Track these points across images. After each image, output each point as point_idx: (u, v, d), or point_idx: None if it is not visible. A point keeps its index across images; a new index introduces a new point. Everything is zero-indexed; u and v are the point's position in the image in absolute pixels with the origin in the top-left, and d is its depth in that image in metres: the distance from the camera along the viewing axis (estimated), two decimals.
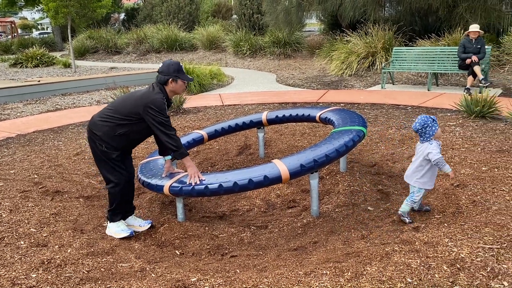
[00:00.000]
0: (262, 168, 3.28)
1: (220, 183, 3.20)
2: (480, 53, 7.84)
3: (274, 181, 3.21)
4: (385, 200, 3.80)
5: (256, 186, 3.21)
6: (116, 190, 3.34)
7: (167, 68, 3.29)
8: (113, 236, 3.41)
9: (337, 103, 7.70)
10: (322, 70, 12.02)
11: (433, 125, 3.15)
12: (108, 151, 3.26)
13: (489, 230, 2.79)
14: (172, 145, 3.23)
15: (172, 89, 3.33)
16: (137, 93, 3.32)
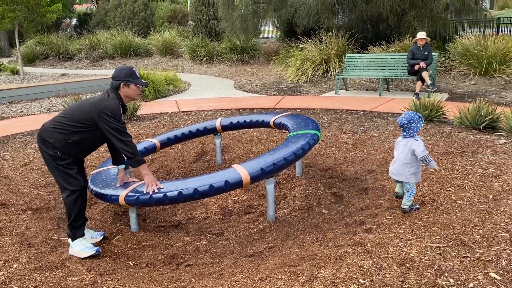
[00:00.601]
0: (223, 173, 3.26)
1: (180, 190, 3.15)
2: (428, 60, 8.20)
3: (235, 185, 3.21)
4: (339, 203, 3.87)
5: (217, 191, 3.18)
6: (73, 199, 3.19)
7: (118, 73, 3.24)
8: (78, 256, 3.21)
9: (294, 109, 7.80)
10: (279, 76, 12.16)
11: (418, 122, 3.26)
12: (61, 156, 3.14)
13: (436, 229, 2.90)
14: (128, 152, 3.15)
15: (125, 94, 3.26)
16: (91, 100, 3.22)
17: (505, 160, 4.25)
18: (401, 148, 3.32)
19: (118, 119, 3.12)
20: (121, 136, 3.12)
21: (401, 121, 3.29)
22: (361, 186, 4.21)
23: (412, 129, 3.26)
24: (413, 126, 3.26)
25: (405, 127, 3.28)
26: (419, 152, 3.19)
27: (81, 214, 3.25)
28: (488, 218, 3.01)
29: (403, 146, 3.29)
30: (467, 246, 2.64)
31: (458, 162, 4.29)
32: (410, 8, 10.13)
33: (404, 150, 3.28)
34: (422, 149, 3.19)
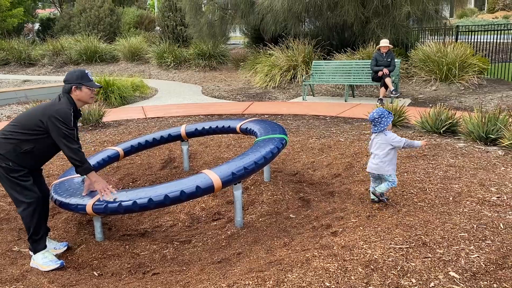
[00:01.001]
0: (193, 178, 3.24)
1: (150, 197, 3.10)
2: (391, 66, 8.44)
3: (206, 191, 3.19)
4: (306, 207, 3.92)
5: (188, 197, 3.16)
6: (30, 212, 3.07)
7: (70, 76, 3.15)
8: (40, 269, 3.09)
9: (262, 115, 7.85)
10: (247, 82, 12.20)
11: (388, 117, 3.42)
12: (15, 167, 3.02)
13: (399, 231, 2.98)
14: (74, 160, 3.06)
15: (78, 98, 3.16)
16: (42, 105, 3.13)
17: (464, 163, 4.42)
18: (377, 144, 3.45)
19: (67, 124, 3.02)
20: (68, 143, 3.03)
21: (372, 115, 3.45)
22: (327, 190, 4.27)
23: (382, 123, 3.41)
24: (383, 120, 3.41)
25: (376, 122, 3.44)
26: (397, 142, 3.37)
27: (40, 226, 3.14)
28: (448, 219, 3.12)
29: (379, 143, 3.44)
30: (429, 246, 2.73)
31: (420, 165, 4.42)
32: (374, 16, 10.40)
33: (381, 146, 3.42)
34: (399, 139, 3.38)
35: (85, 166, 3.11)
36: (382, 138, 3.43)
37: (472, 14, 31.95)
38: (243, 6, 12.78)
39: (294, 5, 10.29)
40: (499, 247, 2.67)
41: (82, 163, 3.09)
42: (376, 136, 3.48)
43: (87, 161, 3.15)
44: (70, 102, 3.12)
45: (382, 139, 3.43)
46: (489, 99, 8.08)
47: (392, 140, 3.39)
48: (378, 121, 3.43)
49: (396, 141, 3.38)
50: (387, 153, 3.42)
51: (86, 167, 3.12)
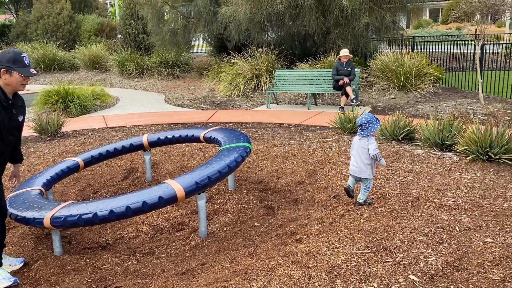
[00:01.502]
0: (156, 189, 3.19)
1: (111, 208, 3.03)
2: (351, 75, 8.66)
3: (170, 201, 3.15)
4: (271, 215, 3.93)
5: (151, 208, 3.11)
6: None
7: (1, 56, 2.85)
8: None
9: (226, 123, 7.84)
10: (211, 90, 12.18)
11: (376, 123, 3.54)
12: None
13: (361, 236, 3.04)
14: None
15: (6, 82, 2.86)
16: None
17: (421, 168, 4.57)
18: (359, 148, 3.57)
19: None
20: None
21: (361, 120, 3.56)
22: (291, 198, 4.31)
23: (369, 129, 3.53)
24: (371, 126, 3.53)
25: (363, 127, 3.54)
26: (372, 150, 3.50)
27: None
28: (407, 223, 3.22)
29: (361, 147, 3.56)
30: (389, 251, 2.80)
31: (380, 171, 4.54)
32: (334, 27, 10.65)
33: (364, 150, 3.55)
34: (374, 148, 3.50)
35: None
36: (365, 143, 3.55)
37: (428, 25, 33.33)
38: (206, 15, 12.78)
39: (257, 15, 10.39)
40: (455, 249, 2.77)
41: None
42: (360, 140, 3.59)
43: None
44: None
45: (364, 144, 3.55)
46: (444, 107, 8.42)
47: (369, 146, 3.51)
48: (366, 126, 3.53)
49: (371, 149, 3.50)
50: (367, 157, 3.55)
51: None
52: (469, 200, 3.62)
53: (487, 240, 2.87)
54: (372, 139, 3.56)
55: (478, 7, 8.27)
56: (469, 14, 8.74)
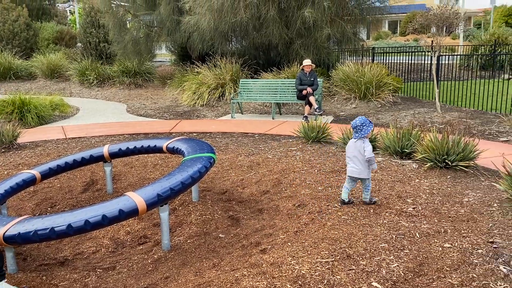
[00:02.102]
0: (116, 202, 3.10)
1: (69, 223, 2.90)
2: (314, 85, 8.80)
3: (130, 214, 3.06)
4: (236, 226, 3.90)
5: (110, 222, 3.00)
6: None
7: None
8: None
9: (190, 133, 7.76)
10: (175, 100, 12.05)
11: (369, 126, 3.69)
12: None
13: (325, 245, 3.06)
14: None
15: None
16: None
17: (382, 176, 4.68)
18: (355, 150, 3.71)
19: None
20: None
21: (355, 123, 3.71)
22: (256, 207, 4.29)
23: (363, 131, 3.68)
24: (365, 128, 3.68)
25: (357, 129, 3.70)
26: (367, 153, 3.64)
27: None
28: (370, 231, 3.27)
29: (357, 150, 3.70)
30: (352, 258, 2.83)
31: (343, 179, 4.61)
32: (297, 38, 10.82)
33: (359, 152, 3.69)
34: (370, 151, 3.65)
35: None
36: (361, 145, 3.69)
37: (387, 37, 34.46)
38: (169, 24, 12.69)
39: (221, 25, 10.41)
40: (416, 255, 2.83)
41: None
42: (355, 142, 3.73)
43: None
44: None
45: (360, 146, 3.69)
46: (403, 116, 8.68)
47: (364, 148, 3.66)
48: (360, 128, 3.68)
49: (367, 151, 3.65)
50: (364, 158, 3.69)
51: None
52: (428, 207, 3.72)
53: (446, 246, 2.95)
54: (367, 141, 3.70)
55: (433, 20, 8.61)
56: (425, 26, 9.08)
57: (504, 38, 17.16)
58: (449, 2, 10.45)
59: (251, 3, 9.90)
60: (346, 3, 10.69)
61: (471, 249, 2.88)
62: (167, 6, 12.39)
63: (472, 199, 3.88)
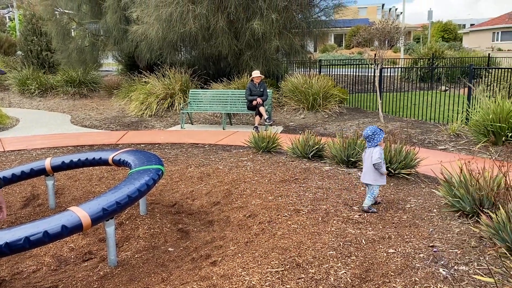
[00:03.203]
0: (59, 217, 2.95)
1: (6, 241, 2.72)
2: (264, 96, 8.91)
3: (74, 229, 2.92)
4: (185, 239, 3.84)
5: (53, 238, 2.85)
6: None
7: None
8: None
9: (138, 144, 7.58)
10: (122, 110, 11.75)
11: (380, 133, 3.89)
12: None
13: (275, 254, 3.08)
14: None
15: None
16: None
17: (330, 184, 4.79)
18: (368, 157, 3.91)
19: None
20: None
21: (366, 133, 3.92)
22: (207, 219, 4.25)
23: (375, 139, 3.88)
24: (376, 136, 3.88)
25: (369, 138, 3.90)
26: (374, 159, 3.82)
27: None
28: (318, 239, 3.33)
29: (367, 156, 3.92)
30: (302, 267, 2.87)
31: (293, 188, 4.68)
32: (247, 49, 10.93)
33: (368, 159, 3.89)
34: (378, 157, 3.82)
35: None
36: (371, 151, 3.88)
37: (333, 50, 35.63)
38: (116, 33, 12.41)
39: (169, 34, 10.31)
40: (362, 261, 2.92)
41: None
42: (368, 150, 3.94)
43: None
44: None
45: (370, 152, 3.89)
46: (348, 126, 8.98)
47: (373, 154, 3.84)
48: (372, 138, 3.89)
49: (374, 158, 3.82)
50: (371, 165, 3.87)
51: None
52: (374, 214, 3.85)
53: (390, 251, 3.06)
54: (378, 148, 3.88)
55: (375, 34, 9.02)
56: (368, 40, 9.48)
57: (440, 52, 18.28)
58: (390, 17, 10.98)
59: (200, 13, 9.90)
60: (294, 16, 10.95)
61: (414, 254, 3.01)
62: (113, 15, 12.12)
63: (414, 205, 4.06)
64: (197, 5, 9.98)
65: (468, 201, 3.62)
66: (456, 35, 45.32)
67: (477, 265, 2.80)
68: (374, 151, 3.88)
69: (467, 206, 3.63)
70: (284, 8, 10.43)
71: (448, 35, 44.41)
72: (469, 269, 2.77)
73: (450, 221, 3.62)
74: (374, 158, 3.83)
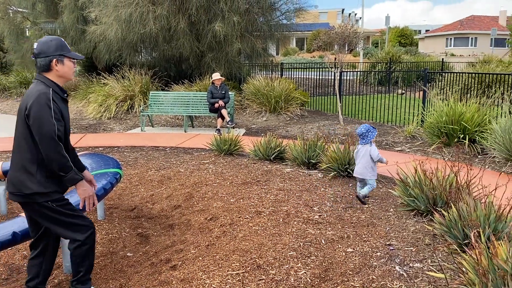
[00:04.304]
0: (10, 223, 2.82)
1: None
2: (225, 98, 8.90)
3: (27, 236, 2.79)
4: (145, 243, 3.77)
5: (4, 246, 2.72)
6: (91, 244, 2.60)
7: (46, 46, 2.44)
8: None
9: (96, 147, 7.38)
10: (79, 113, 11.40)
11: (373, 131, 4.18)
12: (55, 197, 2.45)
13: (236, 256, 3.07)
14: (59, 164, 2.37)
15: (60, 74, 2.48)
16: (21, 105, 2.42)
17: (291, 186, 4.84)
18: (361, 154, 4.19)
19: (44, 115, 2.32)
20: (51, 142, 2.33)
21: (360, 131, 4.17)
22: (167, 223, 4.19)
23: (368, 136, 4.16)
24: (370, 134, 4.15)
25: (363, 136, 4.16)
26: (374, 156, 4.12)
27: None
28: (279, 240, 3.35)
29: (363, 153, 4.17)
30: (263, 268, 2.88)
31: (254, 191, 4.69)
32: (208, 51, 10.89)
33: (365, 156, 4.15)
34: (377, 153, 4.14)
35: (71, 175, 2.43)
36: (367, 149, 4.15)
37: (294, 53, 36.09)
38: (73, 33, 12.05)
39: (129, 35, 10.12)
40: (321, 261, 2.96)
41: (67, 171, 2.41)
42: (362, 147, 4.20)
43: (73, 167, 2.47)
44: (47, 83, 2.43)
45: (366, 150, 4.16)
46: (309, 128, 9.11)
47: (371, 153, 4.13)
48: (366, 135, 4.16)
49: (374, 155, 4.12)
50: (369, 161, 4.14)
51: (72, 177, 2.44)
52: (333, 214, 3.93)
53: (349, 250, 3.12)
54: (374, 145, 4.19)
55: (335, 38, 9.21)
56: (328, 44, 9.67)
57: (397, 56, 18.91)
58: (350, 22, 11.27)
59: (161, 14, 9.78)
60: (256, 19, 11.02)
61: (371, 253, 3.08)
62: (70, 15, 11.77)
63: (371, 205, 4.17)
64: (158, 6, 9.85)
65: (422, 200, 3.75)
66: (412, 40, 47.05)
67: (430, 262, 2.91)
68: (371, 150, 4.15)
69: (421, 205, 3.76)
70: (245, 11, 10.47)
71: (404, 40, 46.03)
72: (423, 266, 2.86)
73: (406, 220, 3.74)
74: (375, 155, 4.13)
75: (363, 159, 4.20)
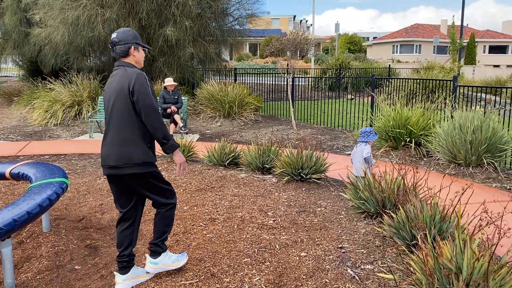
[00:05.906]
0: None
1: None
2: (178, 103, 8.77)
3: None
4: (94, 255, 3.61)
5: None
6: (174, 210, 2.93)
7: (125, 35, 2.76)
8: (170, 268, 2.89)
9: (41, 156, 7.03)
10: (23, 119, 10.84)
11: (374, 135, 4.62)
12: (154, 171, 2.75)
13: (190, 266, 3.01)
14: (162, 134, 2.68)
15: (136, 60, 2.80)
16: (117, 86, 2.67)
17: (246, 191, 4.83)
18: (357, 153, 4.63)
19: (146, 90, 2.63)
20: (156, 114, 2.65)
21: (364, 129, 4.63)
22: None
23: (369, 137, 4.59)
24: (371, 135, 4.59)
25: (365, 134, 4.60)
26: (364, 154, 4.53)
27: None
28: (233, 247, 3.33)
29: (358, 152, 4.60)
30: (217, 277, 2.84)
31: (209, 197, 4.64)
32: (160, 55, 10.71)
33: (358, 154, 4.58)
34: (367, 152, 4.54)
35: (171, 142, 2.75)
36: (362, 148, 4.56)
37: (248, 58, 36.28)
38: (16, 35, 11.48)
39: (76, 39, 9.76)
40: (276, 267, 2.97)
41: (168, 139, 2.73)
42: (358, 146, 4.64)
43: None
44: (138, 68, 2.78)
45: (361, 149, 4.57)
46: (264, 133, 9.17)
47: (362, 150, 4.56)
48: (367, 134, 4.59)
49: (365, 153, 4.54)
50: (361, 158, 4.55)
51: (172, 144, 2.75)
52: (287, 218, 3.95)
53: (302, 254, 3.15)
54: (368, 145, 4.58)
55: (287, 44, 9.34)
56: (280, 50, 9.80)
57: (347, 62, 19.46)
58: (301, 29, 11.48)
59: (110, 18, 9.52)
60: (208, 24, 10.97)
61: (324, 256, 3.13)
62: (13, 16, 11.20)
63: (324, 209, 4.24)
64: (107, 9, 9.58)
65: (372, 203, 3.86)
66: (361, 47, 48.67)
67: (381, 264, 2.99)
68: (365, 148, 4.56)
69: (371, 207, 3.87)
70: (198, 16, 10.41)
71: (353, 47, 47.54)
72: (374, 267, 2.94)
73: (357, 222, 3.83)
74: (365, 153, 4.53)
75: (359, 158, 4.61)
